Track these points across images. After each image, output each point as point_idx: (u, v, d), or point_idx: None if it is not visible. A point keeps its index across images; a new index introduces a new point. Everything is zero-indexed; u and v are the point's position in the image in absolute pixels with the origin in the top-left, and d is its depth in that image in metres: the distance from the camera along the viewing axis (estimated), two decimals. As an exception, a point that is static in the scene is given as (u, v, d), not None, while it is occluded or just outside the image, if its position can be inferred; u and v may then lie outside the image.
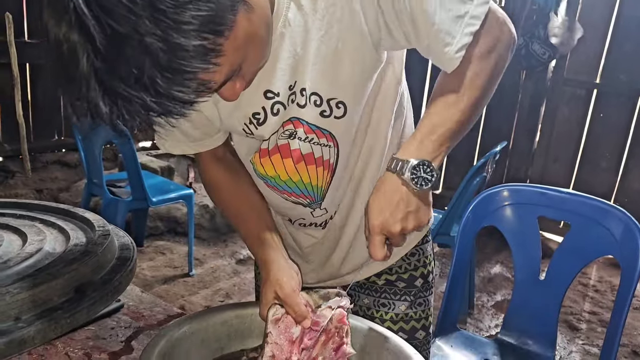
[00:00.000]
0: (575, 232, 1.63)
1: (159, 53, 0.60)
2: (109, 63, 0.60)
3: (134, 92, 0.62)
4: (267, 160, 0.99)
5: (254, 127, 0.94)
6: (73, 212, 1.11)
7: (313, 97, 0.90)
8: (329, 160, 0.99)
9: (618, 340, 1.47)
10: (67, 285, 0.78)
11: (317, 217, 1.09)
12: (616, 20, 4.05)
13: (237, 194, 1.06)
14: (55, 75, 0.64)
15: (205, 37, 0.62)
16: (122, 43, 0.59)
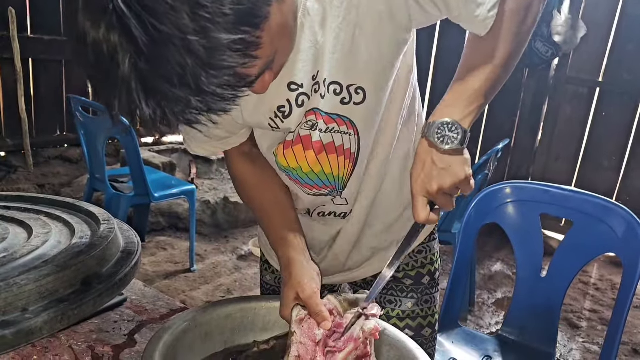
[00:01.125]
0: (577, 230, 1.63)
1: (200, 50, 0.59)
2: (152, 64, 0.59)
3: (178, 92, 0.61)
4: (290, 151, 0.99)
5: (279, 121, 0.94)
6: (78, 206, 1.12)
7: (333, 85, 0.91)
8: (350, 149, 0.99)
9: (619, 338, 1.48)
10: (73, 277, 0.78)
11: (337, 205, 1.08)
12: (619, 19, 4.05)
13: (262, 189, 1.06)
14: (93, 77, 0.63)
15: (244, 31, 0.62)
16: (164, 42, 0.58)
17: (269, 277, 1.31)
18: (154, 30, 0.57)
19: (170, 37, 0.58)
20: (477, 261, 3.69)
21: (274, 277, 1.30)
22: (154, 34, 0.57)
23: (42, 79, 4.64)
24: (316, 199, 1.07)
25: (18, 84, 4.27)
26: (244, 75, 0.66)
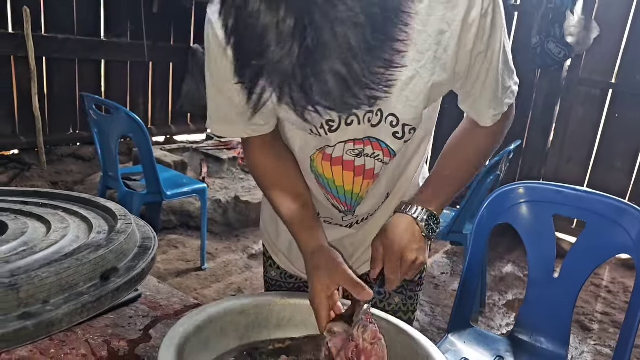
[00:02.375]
0: (590, 231, 1.62)
1: (366, 29, 0.59)
2: (323, 46, 0.59)
3: (353, 74, 0.61)
4: (328, 165, 1.03)
5: (324, 132, 0.96)
6: (94, 202, 1.13)
7: (390, 117, 0.95)
8: (378, 173, 1.06)
9: (632, 341, 1.47)
10: (92, 271, 0.79)
11: (345, 220, 1.15)
12: (633, 20, 4.01)
13: (284, 178, 1.06)
14: (260, 59, 0.61)
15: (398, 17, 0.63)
16: (335, 23, 0.58)
17: (274, 272, 1.33)
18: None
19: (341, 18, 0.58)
20: (488, 262, 3.68)
21: (279, 272, 1.32)
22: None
23: (56, 78, 4.68)
24: (330, 209, 1.13)
25: (32, 82, 4.31)
26: (394, 60, 0.65)
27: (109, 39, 4.93)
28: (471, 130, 1.08)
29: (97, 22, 4.85)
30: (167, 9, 5.07)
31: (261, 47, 0.59)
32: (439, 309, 3.17)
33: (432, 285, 3.49)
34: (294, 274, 1.30)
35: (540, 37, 3.96)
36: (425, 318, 3.06)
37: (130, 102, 5.26)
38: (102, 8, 4.84)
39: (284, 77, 0.60)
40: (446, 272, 3.71)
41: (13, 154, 4.50)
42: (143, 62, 5.16)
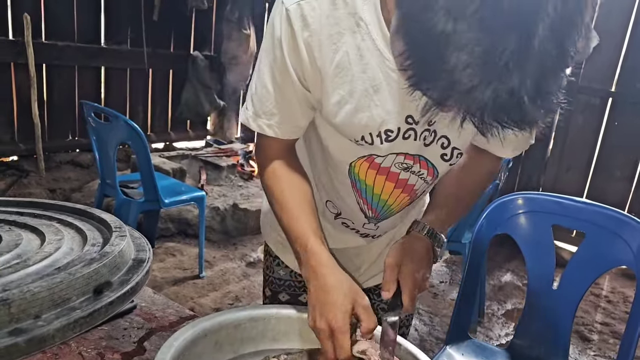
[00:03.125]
0: (590, 242, 1.62)
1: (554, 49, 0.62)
2: (518, 65, 0.60)
3: (551, 84, 0.64)
4: (373, 173, 1.03)
5: (379, 141, 0.96)
6: (90, 213, 1.12)
7: (442, 139, 0.98)
8: (417, 191, 1.09)
9: (633, 352, 1.46)
10: (86, 284, 0.78)
11: (366, 228, 1.16)
12: (632, 29, 4.03)
13: (296, 187, 1.04)
14: (449, 77, 0.62)
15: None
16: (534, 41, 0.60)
17: (282, 272, 1.31)
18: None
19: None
20: (488, 272, 3.67)
21: (289, 271, 1.31)
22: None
23: (56, 84, 4.68)
24: (356, 213, 1.13)
25: (32, 89, 4.31)
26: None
27: (109, 46, 4.93)
28: (483, 153, 1.09)
29: (97, 29, 4.85)
30: (167, 17, 5.08)
31: (448, 65, 0.61)
32: (438, 318, 3.15)
33: (431, 294, 3.48)
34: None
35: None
36: (423, 328, 3.05)
37: (129, 109, 5.26)
38: (102, 15, 4.85)
39: (479, 99, 0.62)
40: (445, 281, 3.70)
41: (11, 160, 4.49)
42: (143, 69, 5.17)
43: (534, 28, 0.58)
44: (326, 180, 1.13)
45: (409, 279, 0.96)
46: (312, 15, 0.88)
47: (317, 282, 0.92)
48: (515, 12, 0.58)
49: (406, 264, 0.97)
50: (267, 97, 0.97)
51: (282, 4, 0.90)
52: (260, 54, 0.98)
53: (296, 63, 0.92)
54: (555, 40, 0.60)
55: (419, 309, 3.25)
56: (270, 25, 0.93)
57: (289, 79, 0.94)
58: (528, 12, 0.58)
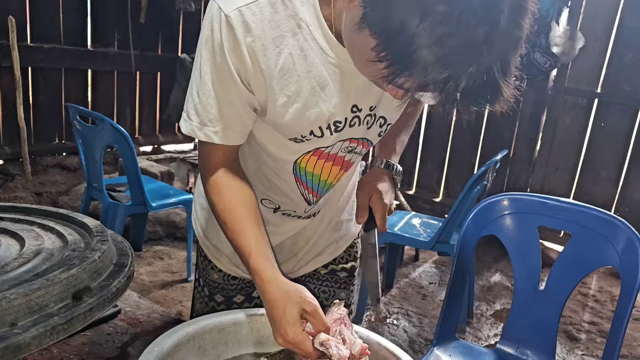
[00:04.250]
0: (575, 242, 1.62)
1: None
2: (515, 21, 0.67)
3: (514, 61, 0.70)
4: (321, 162, 1.09)
5: (328, 132, 1.02)
6: (72, 217, 1.10)
7: (380, 119, 1.07)
8: (353, 163, 1.16)
9: (617, 352, 1.47)
10: (64, 291, 0.77)
11: (307, 212, 1.21)
12: (617, 31, 4.06)
13: (240, 199, 1.04)
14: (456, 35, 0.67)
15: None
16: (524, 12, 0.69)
17: (216, 275, 1.33)
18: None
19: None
20: (476, 272, 3.68)
21: (222, 275, 1.33)
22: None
23: (41, 87, 4.64)
24: (298, 202, 1.17)
25: (17, 92, 4.27)
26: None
27: (95, 48, 4.90)
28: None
29: (83, 32, 4.82)
30: (154, 19, 5.05)
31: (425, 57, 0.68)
32: (427, 319, 3.16)
33: (420, 295, 3.48)
34: (237, 275, 1.32)
35: (526, 47, 3.96)
36: (412, 329, 3.05)
37: (117, 112, 5.23)
38: (88, 17, 4.81)
39: (458, 82, 0.68)
40: (434, 282, 3.70)
41: (-3, 164, 4.45)
42: (130, 71, 5.13)
43: (500, 13, 0.66)
44: (264, 180, 1.14)
45: (379, 203, 1.13)
46: (253, 21, 0.89)
47: (264, 299, 0.96)
48: (481, 4, 0.65)
49: (375, 193, 1.14)
50: (212, 104, 0.97)
51: (220, 10, 0.90)
52: (198, 62, 0.96)
53: (239, 67, 0.93)
54: (515, 20, 0.67)
55: (408, 310, 3.25)
56: (207, 33, 0.93)
57: (233, 84, 0.94)
58: (492, 1, 0.66)
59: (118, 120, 5.21)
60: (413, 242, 2.99)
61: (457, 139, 4.78)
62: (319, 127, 1.00)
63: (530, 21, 0.69)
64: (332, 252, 1.34)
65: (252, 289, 1.34)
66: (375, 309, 3.23)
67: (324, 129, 1.00)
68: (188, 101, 1.01)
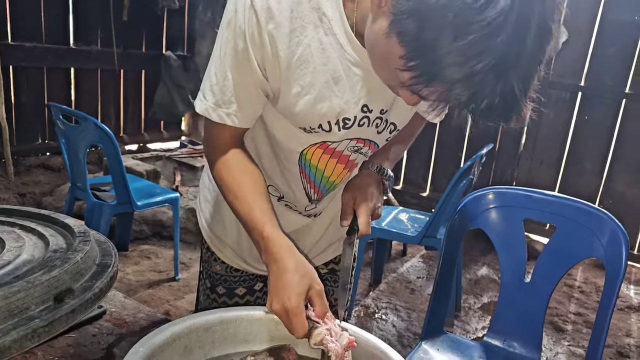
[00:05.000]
0: (560, 235, 1.64)
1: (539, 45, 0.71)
2: (512, 64, 0.69)
3: (534, 80, 0.72)
4: (326, 157, 1.10)
5: (336, 128, 1.02)
6: (54, 218, 1.09)
7: (391, 126, 1.08)
8: (357, 164, 1.18)
9: (603, 342, 1.48)
10: (45, 293, 0.76)
11: (308, 210, 1.22)
12: (600, 25, 4.10)
13: (249, 177, 1.05)
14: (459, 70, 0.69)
15: None
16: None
17: (218, 267, 1.35)
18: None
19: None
20: (464, 265, 3.70)
21: (225, 267, 1.34)
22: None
23: (23, 87, 4.58)
24: (300, 198, 1.18)
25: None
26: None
27: (78, 46, 4.84)
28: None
29: (66, 30, 4.76)
30: (137, 16, 5.00)
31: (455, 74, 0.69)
32: (415, 313, 3.17)
33: (409, 290, 3.50)
34: (239, 267, 1.33)
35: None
36: (401, 324, 3.06)
37: (101, 111, 5.18)
38: (70, 15, 4.75)
39: (481, 98, 0.70)
40: (422, 277, 3.72)
41: (-21, 165, 4.38)
42: (114, 69, 5.08)
43: (529, 29, 0.67)
44: (272, 167, 1.16)
45: (363, 207, 1.09)
46: (277, 8, 0.90)
47: (276, 265, 0.95)
48: (510, 28, 0.66)
49: (359, 196, 1.10)
50: (228, 86, 0.98)
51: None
52: (218, 44, 0.97)
53: (258, 53, 0.94)
54: (540, 41, 0.69)
55: (397, 304, 3.26)
56: (230, 15, 0.94)
57: (249, 69, 0.95)
58: (522, 23, 0.67)
59: (102, 119, 5.16)
60: (400, 237, 3.00)
61: (443, 133, 4.80)
62: (328, 121, 1.01)
63: (551, 47, 0.71)
64: (334, 250, 1.36)
65: (254, 282, 1.35)
66: (363, 304, 3.24)
67: (332, 124, 1.02)
68: (205, 81, 1.01)
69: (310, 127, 1.03)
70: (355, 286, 3.03)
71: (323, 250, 1.34)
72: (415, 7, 0.70)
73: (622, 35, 4.02)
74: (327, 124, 1.01)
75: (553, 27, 0.70)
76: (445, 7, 0.66)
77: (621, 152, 4.17)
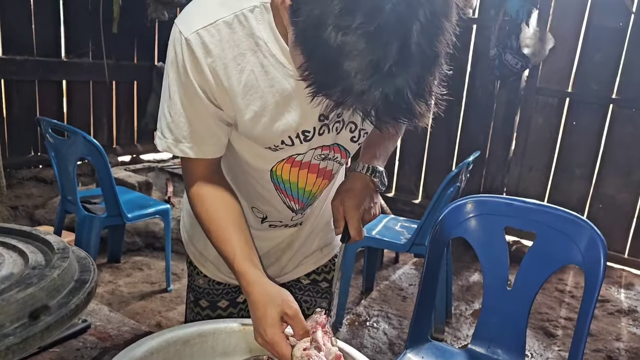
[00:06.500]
0: (540, 242, 1.66)
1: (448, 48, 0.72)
2: (402, 67, 0.69)
3: (430, 81, 0.72)
4: (296, 170, 1.11)
5: (298, 141, 1.04)
6: (35, 234, 1.10)
7: (350, 124, 1.08)
8: (334, 174, 1.18)
9: (583, 346, 1.50)
10: (20, 310, 0.77)
11: (294, 220, 1.23)
12: (586, 31, 4.14)
13: (224, 206, 1.08)
14: (343, 81, 0.70)
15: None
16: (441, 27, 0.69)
17: (201, 281, 1.37)
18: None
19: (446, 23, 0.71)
20: (455, 272, 3.72)
21: (207, 280, 1.36)
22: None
23: (15, 100, 4.59)
24: (283, 211, 1.19)
25: (-10, 105, 4.22)
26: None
27: (69, 59, 4.86)
28: None
29: (57, 42, 4.78)
30: (127, 28, 5.02)
31: (342, 73, 0.70)
32: (407, 321, 3.18)
33: (400, 297, 3.51)
34: (222, 281, 1.35)
35: (498, 49, 4.06)
36: (392, 331, 3.07)
37: (94, 122, 5.20)
38: (62, 28, 4.78)
39: (371, 100, 0.71)
40: (413, 284, 3.74)
41: (-29, 178, 4.38)
42: (105, 81, 5.10)
43: (410, 34, 0.67)
44: (249, 188, 1.18)
45: (352, 212, 1.10)
46: (212, 42, 0.93)
47: (248, 300, 1.00)
48: (393, 23, 0.67)
49: (347, 201, 1.10)
50: (183, 122, 1.01)
51: (181, 34, 0.95)
52: (166, 84, 1.01)
53: (204, 86, 0.97)
54: (428, 42, 0.69)
55: (388, 312, 3.27)
56: (171, 56, 0.97)
57: (200, 102, 0.98)
58: (403, 21, 0.67)
59: (95, 131, 5.18)
60: (390, 245, 3.02)
61: (434, 141, 4.84)
62: (289, 136, 1.03)
63: (447, 42, 0.71)
64: (317, 260, 1.38)
65: (237, 294, 1.37)
66: (355, 312, 3.25)
67: (293, 138, 1.04)
68: (161, 120, 1.04)
69: (275, 145, 1.05)
70: (346, 294, 3.04)
71: (305, 259, 1.36)
72: (306, 15, 0.71)
73: (608, 41, 4.07)
74: (288, 139, 1.04)
75: (446, 23, 0.70)
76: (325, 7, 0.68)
77: (610, 156, 4.20)
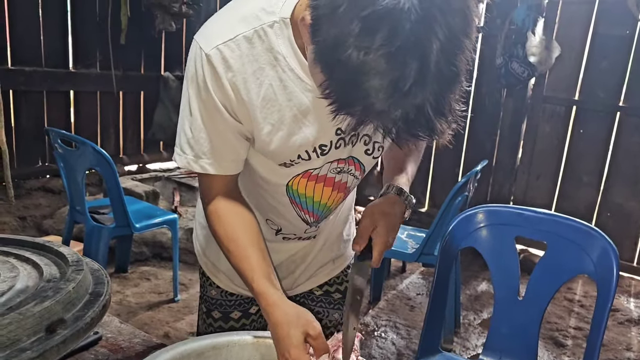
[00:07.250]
0: (552, 252, 1.65)
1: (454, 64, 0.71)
2: (447, 61, 0.70)
3: (451, 98, 0.73)
4: (312, 184, 1.12)
5: (315, 155, 1.05)
6: (48, 247, 1.11)
7: (364, 137, 1.08)
8: (349, 187, 1.18)
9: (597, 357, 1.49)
10: (37, 324, 0.78)
11: (308, 233, 1.23)
12: (592, 39, 4.14)
13: (242, 224, 1.08)
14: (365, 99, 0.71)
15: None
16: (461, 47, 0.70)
17: (214, 292, 1.37)
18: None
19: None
20: (463, 281, 3.70)
21: (220, 291, 1.36)
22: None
23: (23, 110, 4.62)
24: (297, 225, 1.19)
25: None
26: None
27: (77, 70, 4.90)
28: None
29: (65, 54, 4.82)
30: (135, 39, 5.06)
31: (363, 92, 0.71)
32: (415, 331, 3.17)
33: (408, 307, 3.50)
34: (234, 292, 1.35)
35: (504, 57, 4.06)
36: (401, 341, 3.05)
37: (101, 132, 5.22)
38: (69, 39, 4.82)
39: (392, 118, 0.72)
40: (422, 293, 3.72)
41: (-21, 189, 4.41)
42: (113, 92, 5.14)
43: (430, 53, 0.68)
44: (263, 202, 1.18)
45: (381, 238, 1.06)
46: (232, 57, 0.94)
47: (269, 320, 1.00)
48: (412, 43, 0.67)
49: (381, 227, 1.06)
50: (204, 137, 1.01)
51: (201, 50, 0.95)
52: (186, 100, 1.01)
53: (225, 101, 0.98)
54: (448, 61, 0.70)
55: (396, 322, 3.26)
56: (191, 72, 0.98)
57: (220, 117, 0.99)
58: (422, 41, 0.68)
59: (102, 141, 5.21)
60: (398, 255, 3.01)
61: (440, 149, 4.83)
62: (306, 151, 1.04)
63: (467, 59, 0.72)
64: (329, 272, 1.38)
65: (249, 305, 1.37)
66: (363, 322, 3.23)
67: (310, 152, 1.05)
68: (180, 136, 1.04)
69: (291, 160, 1.05)
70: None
71: (317, 271, 1.36)
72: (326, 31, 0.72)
73: (614, 49, 4.06)
74: (305, 153, 1.04)
75: (466, 41, 0.70)
76: (345, 24, 0.69)
77: (617, 164, 4.18)
